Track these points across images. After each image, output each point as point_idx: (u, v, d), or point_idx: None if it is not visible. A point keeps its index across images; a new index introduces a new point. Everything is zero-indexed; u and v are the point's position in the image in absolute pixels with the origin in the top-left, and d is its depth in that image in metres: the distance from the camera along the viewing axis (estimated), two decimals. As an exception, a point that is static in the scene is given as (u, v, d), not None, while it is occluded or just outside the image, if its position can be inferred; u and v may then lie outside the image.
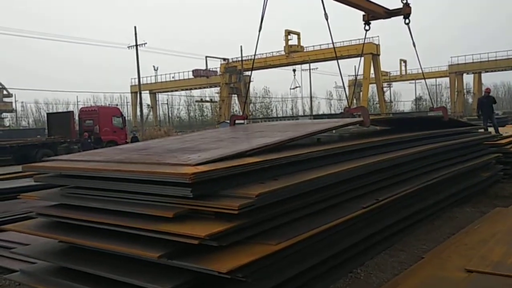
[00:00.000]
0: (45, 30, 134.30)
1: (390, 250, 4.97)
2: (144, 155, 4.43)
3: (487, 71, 65.12)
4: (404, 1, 9.75)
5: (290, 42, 52.80)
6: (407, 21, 9.82)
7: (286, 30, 52.74)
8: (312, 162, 4.49)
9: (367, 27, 10.16)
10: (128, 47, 43.74)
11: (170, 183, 3.38)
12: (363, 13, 10.13)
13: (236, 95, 59.56)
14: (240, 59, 51.70)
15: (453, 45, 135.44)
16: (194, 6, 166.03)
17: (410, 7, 9.78)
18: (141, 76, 43.43)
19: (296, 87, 58.92)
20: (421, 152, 6.30)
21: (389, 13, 10.00)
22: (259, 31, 7.85)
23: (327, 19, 7.80)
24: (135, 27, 41.90)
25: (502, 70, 64.88)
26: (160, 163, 3.74)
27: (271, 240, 3.45)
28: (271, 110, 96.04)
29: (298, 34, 53.43)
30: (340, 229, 4.23)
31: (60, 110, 62.85)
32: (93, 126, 26.80)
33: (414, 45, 9.89)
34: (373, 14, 9.97)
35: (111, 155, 4.65)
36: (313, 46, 53.78)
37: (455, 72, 63.21)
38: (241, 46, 51.87)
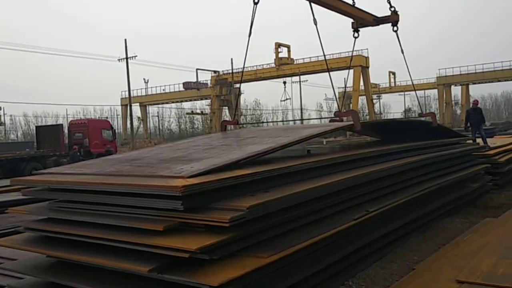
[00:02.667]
0: (33, 43, 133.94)
1: (381, 262, 4.97)
2: (136, 166, 4.39)
3: (475, 83, 66.17)
4: (392, 9, 9.90)
5: (280, 55, 53.21)
6: (395, 28, 9.97)
7: (276, 43, 53.19)
8: (303, 174, 4.50)
9: (356, 35, 10.27)
10: (119, 59, 43.70)
11: (160, 196, 3.35)
12: (352, 21, 10.25)
13: (226, 107, 59.68)
14: (230, 71, 51.91)
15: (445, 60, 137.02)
16: (185, 19, 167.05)
17: (398, 15, 9.93)
18: (131, 88, 43.31)
19: (287, 99, 59.20)
20: (411, 163, 6.35)
21: (377, 21, 10.13)
22: (249, 36, 7.87)
23: (316, 24, 7.88)
24: (125, 40, 41.93)
25: (489, 82, 66.00)
26: (153, 176, 3.71)
27: (262, 253, 3.43)
28: (262, 122, 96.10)
29: (288, 46, 53.90)
30: (331, 241, 4.22)
31: (49, 123, 62.40)
32: (82, 139, 26.62)
33: (403, 52, 10.03)
34: (361, 21, 10.08)
35: (103, 166, 4.61)
36: (303, 58, 54.32)
37: (443, 84, 64.12)
38: (231, 59, 52.21)
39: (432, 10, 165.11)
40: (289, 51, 53.80)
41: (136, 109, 66.60)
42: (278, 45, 53.30)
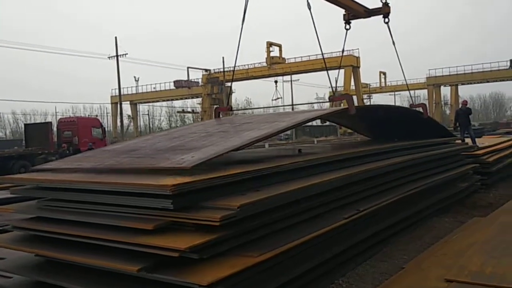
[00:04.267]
0: (22, 40, 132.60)
1: (371, 261, 4.99)
2: (135, 157, 4.34)
3: (464, 84, 66.74)
4: (383, 1, 9.94)
5: (272, 54, 53.19)
6: (386, 20, 10.01)
7: (268, 42, 53.14)
8: (294, 172, 4.50)
9: (347, 26, 10.30)
10: (109, 57, 43.37)
11: (150, 194, 3.33)
12: (343, 13, 10.28)
13: (218, 106, 59.41)
14: (222, 70, 51.78)
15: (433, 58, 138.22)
16: (176, 17, 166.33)
17: (389, 7, 9.97)
18: (121, 86, 43.07)
19: (278, 98, 59.15)
20: (401, 163, 6.38)
21: (368, 12, 10.17)
22: (242, 22, 7.86)
23: (309, 9, 7.91)
24: (115, 38, 41.63)
25: (478, 83, 66.61)
26: (155, 168, 3.68)
27: (252, 252, 3.42)
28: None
29: (279, 46, 53.87)
30: (321, 240, 4.23)
31: (38, 121, 61.78)
32: (71, 137, 26.36)
33: (394, 44, 10.05)
34: (353, 12, 10.10)
35: (101, 159, 4.55)
36: (295, 58, 54.33)
37: (433, 84, 64.55)
38: (223, 57, 52.05)
39: (420, 19, 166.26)
40: (280, 50, 53.80)
41: (127, 107, 66.14)
42: (270, 44, 53.25)
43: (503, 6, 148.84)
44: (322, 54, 8.55)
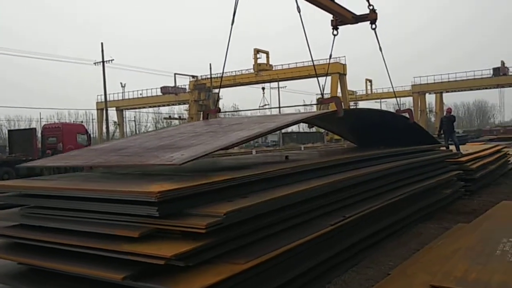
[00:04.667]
0: (6, 45, 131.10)
1: (357, 267, 5.00)
2: (124, 156, 4.30)
3: (448, 91, 67.75)
4: (371, 7, 10.06)
5: (259, 61, 53.40)
6: (373, 26, 10.13)
7: (255, 49, 53.37)
8: (281, 179, 4.50)
9: (335, 32, 10.40)
10: (95, 63, 43.10)
11: (135, 202, 3.30)
12: (331, 19, 10.39)
13: (202, 118, 59.25)
14: (209, 76, 51.77)
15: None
16: (163, 23, 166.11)
17: (376, 13, 10.12)
18: (107, 92, 42.76)
19: (265, 105, 59.29)
20: (387, 169, 6.43)
21: (356, 18, 10.30)
22: (232, 24, 7.91)
23: (299, 12, 8.00)
24: (101, 44, 41.37)
25: (462, 91, 67.71)
26: (144, 164, 3.63)
27: (239, 259, 3.41)
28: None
29: (266, 53, 54.14)
30: (308, 246, 4.23)
31: (22, 127, 60.95)
32: (56, 144, 26.02)
33: (381, 49, 10.18)
34: (341, 18, 10.22)
35: (89, 157, 4.50)
36: (282, 65, 54.61)
37: (418, 92, 65.39)
38: (210, 64, 52.04)
39: (407, 31, 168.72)
40: (267, 57, 54.08)
41: (113, 114, 65.69)
42: (257, 51, 53.50)
43: (493, 20, 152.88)
44: (312, 58, 8.58)
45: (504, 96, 79.34)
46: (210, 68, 51.36)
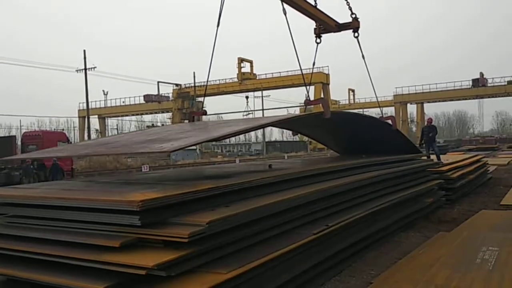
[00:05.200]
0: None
1: (340, 276, 5.01)
2: (111, 148, 4.26)
3: (429, 102, 69.00)
4: (353, 16, 10.19)
5: (243, 70, 53.62)
6: (356, 34, 10.26)
7: (239, 58, 53.59)
8: (264, 188, 4.50)
9: (318, 40, 10.48)
10: (77, 70, 42.62)
11: (117, 211, 3.26)
12: (314, 27, 10.47)
13: (188, 121, 59.18)
14: (193, 84, 51.71)
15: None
16: (146, 31, 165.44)
17: (358, 21, 10.26)
18: (90, 100, 42.30)
19: (249, 113, 59.45)
20: (369, 178, 6.49)
21: (339, 26, 10.41)
22: (217, 26, 7.92)
23: (285, 14, 8.08)
24: (84, 51, 40.99)
25: (442, 101, 69.01)
26: (133, 152, 3.58)
27: (222, 269, 3.39)
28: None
29: (250, 62, 54.43)
30: (291, 255, 4.23)
31: (1, 135, 59.83)
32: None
33: (363, 57, 10.29)
34: (324, 25, 10.30)
35: (76, 149, 4.46)
36: (265, 74, 54.93)
37: (400, 102, 66.38)
38: (194, 72, 52.04)
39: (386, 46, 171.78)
40: (251, 66, 54.37)
41: (95, 121, 65.12)
42: (241, 60, 53.74)
43: (473, 35, 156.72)
44: (299, 60, 8.58)
45: (483, 107, 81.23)
46: (194, 77, 51.33)
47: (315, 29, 10.49)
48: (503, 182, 13.93)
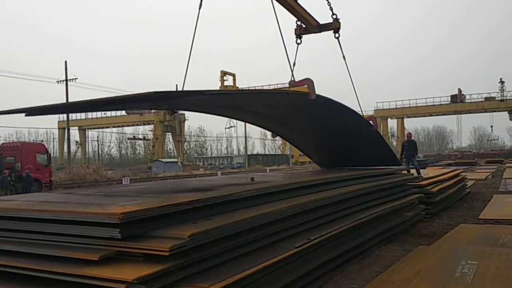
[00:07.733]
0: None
1: (321, 290, 5.01)
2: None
3: (409, 117, 70.23)
4: (334, 16, 10.30)
5: (225, 83, 53.77)
6: (336, 35, 10.37)
7: (222, 71, 53.76)
8: (246, 201, 4.49)
9: (298, 41, 10.55)
10: (57, 81, 42.16)
11: (96, 223, 3.21)
12: (295, 27, 10.54)
13: (170, 133, 58.92)
14: (175, 97, 51.52)
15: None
16: (127, 43, 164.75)
17: (339, 22, 10.36)
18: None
19: (231, 126, 59.59)
20: (351, 192, 6.53)
21: (320, 27, 10.51)
22: (193, 38, 7.97)
23: (274, 9, 8.20)
24: (65, 62, 40.67)
25: (422, 116, 70.34)
26: None
27: (203, 283, 3.35)
28: (206, 149, 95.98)
29: (233, 75, 54.63)
30: (273, 269, 4.21)
31: (-22, 145, 58.43)
32: (14, 163, 25.09)
33: (344, 58, 10.38)
34: (305, 23, 10.37)
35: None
36: (248, 87, 55.10)
37: (381, 116, 67.35)
38: (176, 85, 51.86)
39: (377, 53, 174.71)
40: (234, 79, 54.55)
41: (75, 133, 64.25)
42: (224, 73, 53.90)
43: (453, 51, 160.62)
44: (289, 61, 8.56)
45: (461, 122, 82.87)
46: (176, 88, 51.17)
47: (295, 29, 10.56)
48: (481, 196, 14.17)
